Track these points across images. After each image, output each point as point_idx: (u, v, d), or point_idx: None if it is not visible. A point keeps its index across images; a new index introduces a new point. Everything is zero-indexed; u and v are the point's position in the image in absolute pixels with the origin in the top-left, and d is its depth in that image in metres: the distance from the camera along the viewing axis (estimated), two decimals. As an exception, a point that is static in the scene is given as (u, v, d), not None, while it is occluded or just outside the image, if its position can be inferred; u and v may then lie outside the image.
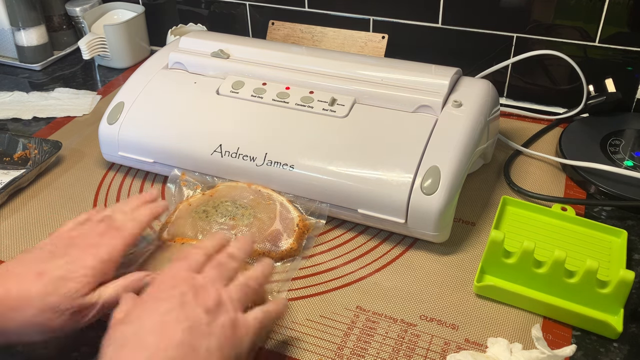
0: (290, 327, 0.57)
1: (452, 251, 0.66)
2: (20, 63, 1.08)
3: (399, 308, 0.59)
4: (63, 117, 0.92)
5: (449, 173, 0.63)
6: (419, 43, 0.95)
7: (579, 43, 0.86)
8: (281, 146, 0.68)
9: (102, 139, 0.76)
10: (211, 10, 1.07)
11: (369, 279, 0.63)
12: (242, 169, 0.69)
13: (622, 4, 0.81)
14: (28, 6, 1.02)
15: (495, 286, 0.59)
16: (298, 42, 0.96)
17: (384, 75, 0.72)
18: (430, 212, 0.62)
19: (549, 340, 0.55)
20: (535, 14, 0.86)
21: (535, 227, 0.67)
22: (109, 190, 0.76)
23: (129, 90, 0.78)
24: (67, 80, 1.04)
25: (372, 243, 0.67)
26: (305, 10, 0.99)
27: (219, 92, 0.75)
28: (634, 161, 0.76)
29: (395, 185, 0.63)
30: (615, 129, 0.82)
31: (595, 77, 0.87)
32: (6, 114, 0.92)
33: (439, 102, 0.68)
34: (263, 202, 0.67)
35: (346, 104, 0.71)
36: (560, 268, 0.56)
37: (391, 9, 0.93)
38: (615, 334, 0.55)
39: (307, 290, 0.61)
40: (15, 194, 0.75)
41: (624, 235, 0.64)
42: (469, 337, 0.56)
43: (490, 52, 0.91)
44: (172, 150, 0.72)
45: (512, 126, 0.88)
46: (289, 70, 0.75)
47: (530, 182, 0.76)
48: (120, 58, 1.07)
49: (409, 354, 0.54)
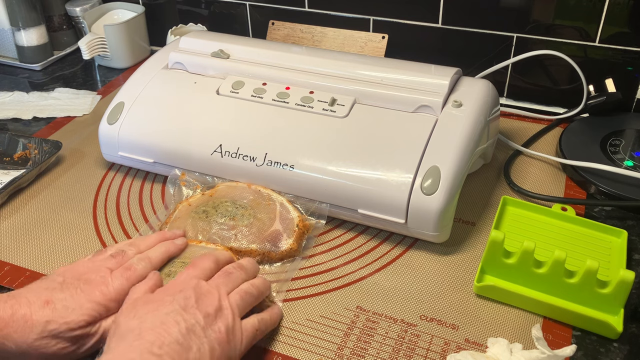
0: (290, 327, 0.57)
1: (452, 251, 0.66)
2: (20, 63, 1.08)
3: (399, 308, 0.59)
4: (63, 117, 0.92)
5: (449, 173, 0.63)
6: (419, 43, 0.95)
7: (579, 43, 0.86)
8: (281, 146, 0.68)
9: (102, 139, 0.76)
10: (211, 10, 1.07)
11: (369, 279, 0.63)
12: (242, 169, 0.69)
13: (622, 4, 0.81)
14: (28, 6, 1.02)
15: (495, 286, 0.59)
16: (298, 42, 0.96)
17: (384, 75, 0.72)
18: (430, 212, 0.62)
19: (549, 340, 0.55)
20: (535, 14, 0.86)
21: (535, 227, 0.67)
22: (109, 190, 0.76)
23: (129, 90, 0.78)
24: (67, 80, 1.04)
25: (372, 243, 0.67)
26: (305, 10, 0.99)
27: (219, 92, 0.75)
28: (634, 161, 0.76)
29: (395, 185, 0.63)
30: (615, 129, 0.82)
31: (595, 77, 0.87)
32: (6, 114, 0.92)
33: (439, 102, 0.68)
34: (263, 202, 0.67)
35: (346, 104, 0.71)
36: (560, 268, 0.56)
37: (391, 9, 0.93)
38: (615, 334, 0.55)
39: (307, 290, 0.61)
40: (15, 194, 0.75)
41: (624, 235, 0.64)
42: (469, 337, 0.56)
43: (490, 52, 0.91)
44: (172, 150, 0.72)
45: (512, 126, 0.88)
46: (289, 70, 0.75)
47: (530, 182, 0.76)
48: (120, 58, 1.07)
49: (409, 354, 0.54)
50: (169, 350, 0.45)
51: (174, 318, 0.48)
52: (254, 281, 0.56)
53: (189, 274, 0.53)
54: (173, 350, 0.45)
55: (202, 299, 0.50)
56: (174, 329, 0.47)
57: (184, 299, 0.50)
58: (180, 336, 0.47)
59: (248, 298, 0.53)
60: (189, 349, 0.46)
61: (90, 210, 0.73)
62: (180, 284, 0.52)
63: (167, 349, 0.45)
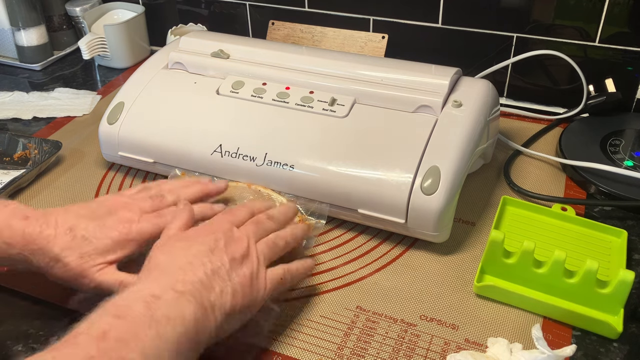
0: (290, 327, 0.57)
1: (452, 251, 0.66)
2: (20, 63, 1.08)
3: (399, 308, 0.59)
4: (63, 117, 0.92)
5: (449, 173, 0.63)
6: (419, 43, 0.95)
7: (579, 43, 0.86)
8: (281, 146, 0.68)
9: (102, 139, 0.76)
10: (211, 10, 1.07)
11: (369, 279, 0.63)
12: (242, 169, 0.69)
13: (622, 4, 0.81)
14: (28, 6, 1.02)
15: (495, 286, 0.59)
16: (298, 42, 0.96)
17: (384, 75, 0.72)
18: (430, 212, 0.62)
19: (549, 340, 0.55)
20: (535, 14, 0.86)
21: (535, 227, 0.67)
22: (109, 190, 0.76)
23: (129, 90, 0.78)
24: (67, 80, 1.04)
25: (372, 243, 0.67)
26: (305, 10, 0.99)
27: (219, 92, 0.75)
28: (634, 161, 0.76)
29: (395, 185, 0.63)
30: (615, 129, 0.82)
31: (595, 77, 0.87)
32: (6, 114, 0.92)
33: (439, 102, 0.68)
34: (263, 202, 0.67)
35: (346, 104, 0.71)
36: (560, 268, 0.56)
37: (391, 9, 0.93)
38: (615, 334, 0.55)
39: (307, 290, 0.61)
40: (15, 194, 0.75)
41: (624, 235, 0.64)
42: (469, 337, 0.56)
43: (490, 52, 0.91)
44: (172, 150, 0.72)
45: (512, 126, 0.88)
46: (289, 70, 0.75)
47: (530, 182, 0.76)
48: (120, 58, 1.07)
49: (409, 354, 0.54)
50: (191, 289, 0.47)
51: (200, 259, 0.50)
52: (284, 232, 0.57)
53: (223, 218, 0.56)
54: (195, 289, 0.47)
55: (231, 243, 0.52)
56: (199, 269, 0.49)
57: (214, 241, 0.52)
58: (205, 276, 0.48)
59: (275, 248, 0.56)
60: (211, 289, 0.48)
61: (90, 210, 0.73)
62: (213, 226, 0.54)
63: (189, 287, 0.47)
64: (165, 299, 0.45)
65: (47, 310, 0.59)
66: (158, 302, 0.45)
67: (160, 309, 0.44)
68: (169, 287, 0.46)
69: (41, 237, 0.54)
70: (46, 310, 0.59)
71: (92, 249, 0.54)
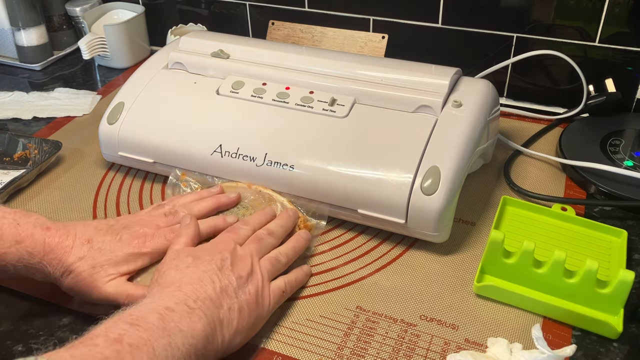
0: (290, 327, 0.57)
1: (452, 251, 0.66)
2: (20, 63, 1.08)
3: (399, 308, 0.59)
4: (63, 117, 0.92)
5: (449, 173, 0.63)
6: (419, 43, 0.95)
7: (579, 43, 0.86)
8: (281, 146, 0.68)
9: (102, 139, 0.76)
10: (211, 10, 1.07)
11: (369, 279, 0.63)
12: (242, 169, 0.69)
13: (622, 4, 0.81)
14: (28, 6, 1.02)
15: (495, 286, 0.59)
16: (298, 42, 0.96)
17: (384, 75, 0.72)
18: (430, 212, 0.62)
19: (549, 340, 0.55)
20: (535, 14, 0.86)
21: (535, 227, 0.67)
22: (109, 190, 0.76)
23: (129, 90, 0.78)
24: (67, 80, 1.04)
25: (372, 243, 0.67)
26: (305, 10, 0.99)
27: (219, 92, 0.75)
28: (634, 161, 0.76)
29: (395, 186, 0.63)
30: (615, 129, 0.82)
31: (595, 77, 0.87)
32: (6, 114, 0.92)
33: (439, 102, 0.68)
34: (264, 202, 0.67)
35: (346, 104, 0.71)
36: (560, 268, 0.56)
37: (391, 9, 0.93)
38: (615, 334, 0.55)
39: (307, 290, 0.61)
40: (15, 194, 0.75)
41: (624, 235, 0.64)
42: (469, 337, 0.56)
43: (490, 52, 0.91)
44: (172, 150, 0.72)
45: (512, 126, 0.88)
46: (289, 70, 0.75)
47: (530, 182, 0.76)
48: (120, 58, 1.07)
49: (409, 354, 0.54)
50: (202, 305, 0.49)
51: (210, 277, 0.52)
52: (285, 248, 0.60)
53: (229, 237, 0.58)
54: (206, 306, 0.49)
55: (237, 262, 0.55)
56: (209, 286, 0.51)
57: (221, 260, 0.54)
58: (214, 294, 0.51)
59: (277, 264, 0.58)
60: (220, 306, 0.50)
61: (90, 210, 0.73)
62: (220, 245, 0.56)
63: (200, 304, 0.49)
64: (179, 312, 0.48)
65: (47, 310, 0.59)
66: (172, 315, 0.47)
67: (173, 321, 0.47)
68: (182, 302, 0.49)
69: (59, 247, 0.55)
70: (46, 310, 0.59)
71: (106, 260, 0.56)
